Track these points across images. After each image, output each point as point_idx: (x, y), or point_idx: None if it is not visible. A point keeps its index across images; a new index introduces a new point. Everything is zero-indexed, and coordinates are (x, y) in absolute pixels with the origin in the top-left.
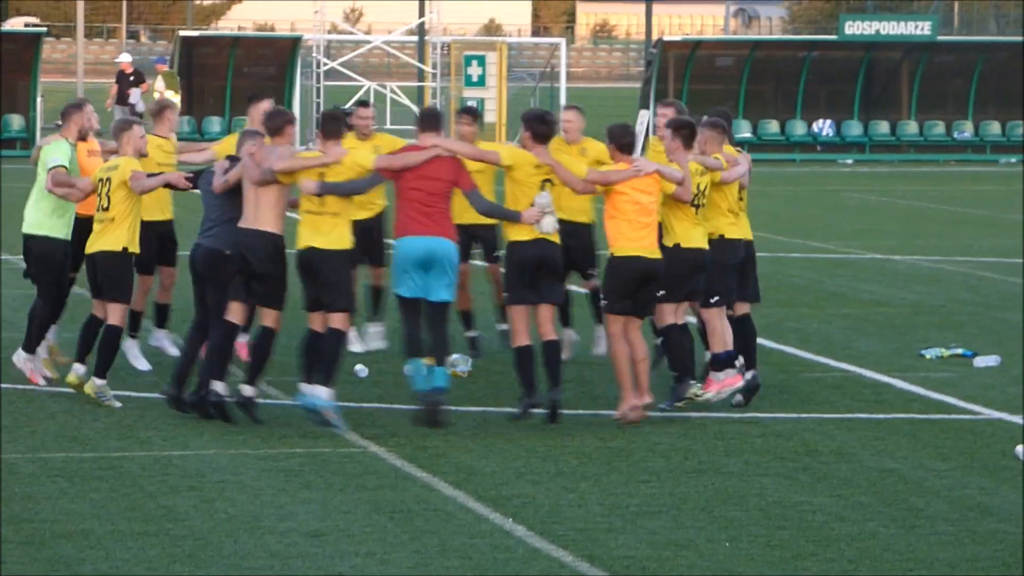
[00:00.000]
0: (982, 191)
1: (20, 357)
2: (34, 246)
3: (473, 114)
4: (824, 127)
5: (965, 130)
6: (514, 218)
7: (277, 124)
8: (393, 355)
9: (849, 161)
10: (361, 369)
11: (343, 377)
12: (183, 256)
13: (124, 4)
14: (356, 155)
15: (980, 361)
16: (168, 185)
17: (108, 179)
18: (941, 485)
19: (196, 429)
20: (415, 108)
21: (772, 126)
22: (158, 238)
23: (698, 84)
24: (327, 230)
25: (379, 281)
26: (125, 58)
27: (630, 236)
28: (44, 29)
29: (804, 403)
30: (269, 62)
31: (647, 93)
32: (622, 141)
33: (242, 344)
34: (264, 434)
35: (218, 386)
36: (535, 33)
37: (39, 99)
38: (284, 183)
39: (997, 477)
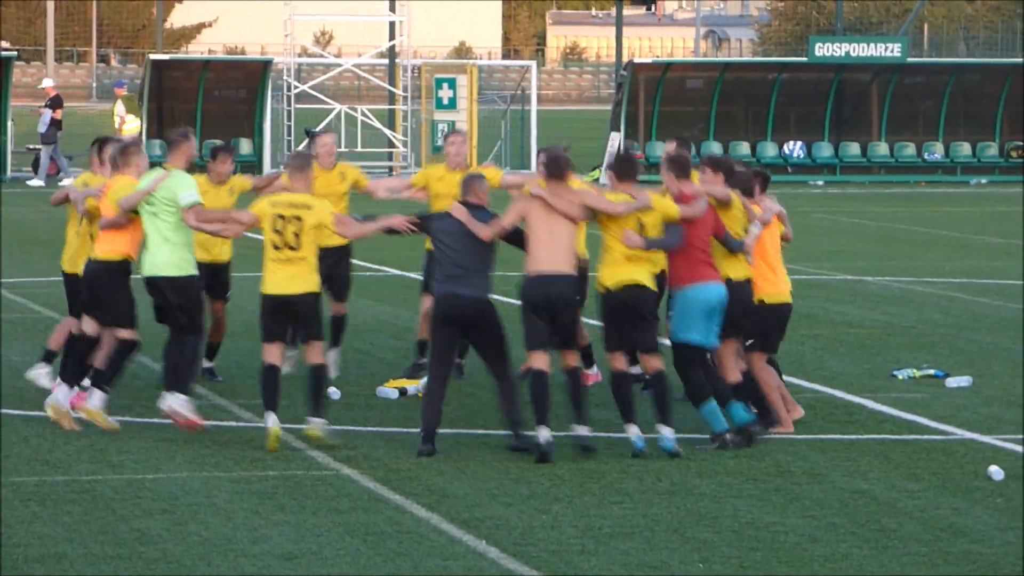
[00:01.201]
0: (953, 212)
1: (179, 401)
2: (176, 286)
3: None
4: (795, 148)
5: (935, 151)
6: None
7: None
8: (365, 378)
9: (820, 182)
10: (333, 391)
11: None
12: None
13: (94, 28)
14: (664, 202)
15: (952, 382)
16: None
17: (297, 217)
18: (913, 506)
19: (168, 452)
20: (386, 131)
21: (743, 148)
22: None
23: (669, 106)
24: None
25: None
26: (48, 83)
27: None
28: (14, 53)
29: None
30: (240, 85)
31: (618, 115)
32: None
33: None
34: (237, 457)
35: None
36: (505, 56)
37: (10, 123)
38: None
39: (969, 498)
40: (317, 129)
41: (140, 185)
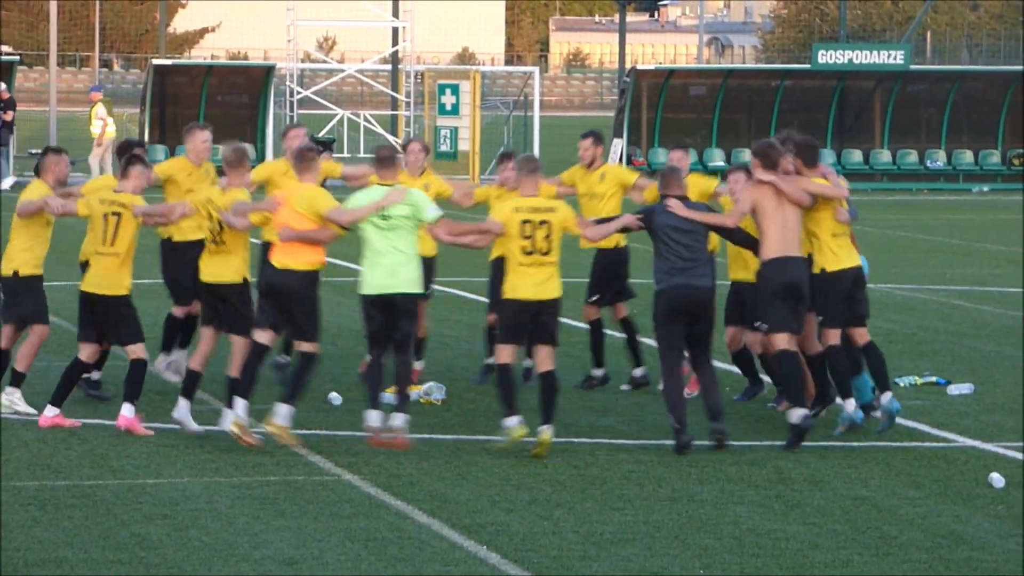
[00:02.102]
0: (955, 220)
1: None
2: (413, 304)
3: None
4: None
5: (938, 159)
6: None
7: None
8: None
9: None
10: (335, 397)
11: (317, 405)
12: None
13: (97, 33)
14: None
15: (954, 389)
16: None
17: (544, 221)
18: (914, 513)
19: (169, 457)
20: (389, 136)
21: (745, 155)
22: None
23: (671, 113)
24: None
25: None
26: (1, 86)
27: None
28: (17, 58)
29: (777, 431)
30: (242, 91)
31: (621, 122)
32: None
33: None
34: (238, 462)
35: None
36: (508, 62)
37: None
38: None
39: (970, 505)
40: (322, 134)
41: (365, 200)
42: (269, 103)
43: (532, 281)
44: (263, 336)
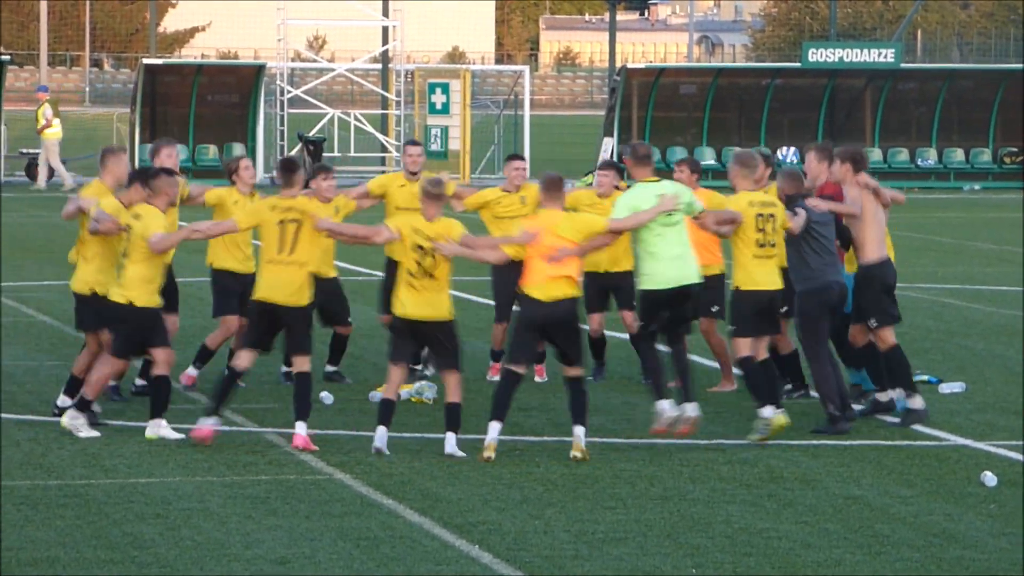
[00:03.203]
0: (946, 218)
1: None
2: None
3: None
4: (788, 154)
5: (929, 157)
6: None
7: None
8: (358, 383)
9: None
10: (326, 396)
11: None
12: None
13: (87, 32)
14: None
15: (945, 388)
16: None
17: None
18: (907, 512)
19: (161, 457)
20: (379, 136)
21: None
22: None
23: (662, 111)
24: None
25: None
26: None
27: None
28: (7, 57)
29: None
30: (233, 90)
31: (611, 120)
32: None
33: None
34: (230, 461)
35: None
36: (499, 61)
37: (3, 127)
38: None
39: (962, 504)
40: (311, 134)
41: (642, 203)
42: (259, 102)
43: (765, 270)
44: (521, 369)
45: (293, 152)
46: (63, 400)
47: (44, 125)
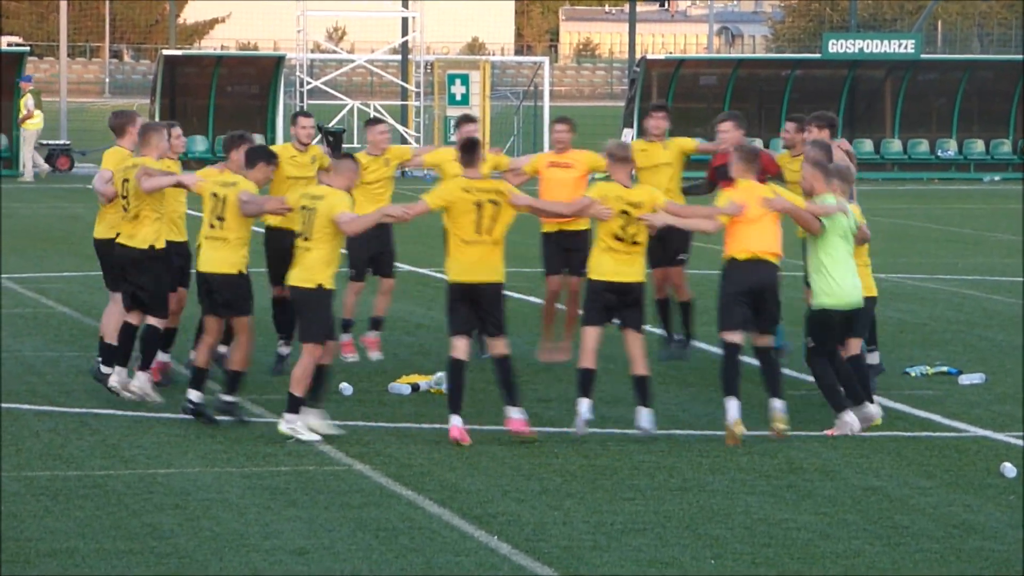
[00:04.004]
0: (966, 209)
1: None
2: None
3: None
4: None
5: (949, 148)
6: None
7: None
8: (377, 374)
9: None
10: (346, 387)
11: (328, 395)
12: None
13: (107, 24)
14: None
15: (965, 379)
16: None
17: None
18: (926, 503)
19: (180, 447)
20: (399, 127)
21: (755, 144)
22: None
23: (681, 102)
24: None
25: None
26: None
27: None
28: (27, 48)
29: (789, 421)
30: (252, 81)
31: (631, 112)
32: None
33: None
34: (249, 452)
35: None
36: (518, 52)
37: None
38: None
39: (982, 495)
40: (331, 125)
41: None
42: (279, 93)
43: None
44: (738, 337)
45: (314, 142)
46: (225, 397)
47: (25, 116)
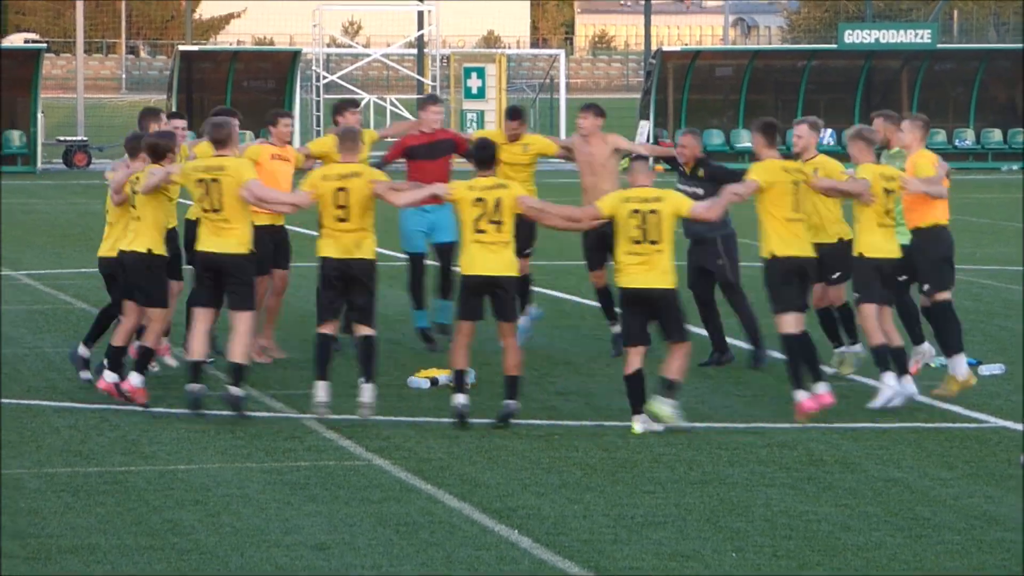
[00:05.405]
0: (984, 199)
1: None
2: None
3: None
4: (825, 135)
5: (966, 138)
6: None
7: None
8: (396, 368)
9: (850, 169)
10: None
11: (345, 391)
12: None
13: (123, 19)
14: None
15: (985, 369)
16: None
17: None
18: (947, 494)
19: (200, 443)
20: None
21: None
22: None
23: (698, 94)
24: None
25: None
26: None
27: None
28: (44, 45)
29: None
30: (268, 76)
31: (647, 103)
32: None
33: None
34: (269, 447)
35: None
36: (534, 44)
37: (39, 115)
38: None
39: (1003, 486)
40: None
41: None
42: (295, 88)
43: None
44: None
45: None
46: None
47: None
